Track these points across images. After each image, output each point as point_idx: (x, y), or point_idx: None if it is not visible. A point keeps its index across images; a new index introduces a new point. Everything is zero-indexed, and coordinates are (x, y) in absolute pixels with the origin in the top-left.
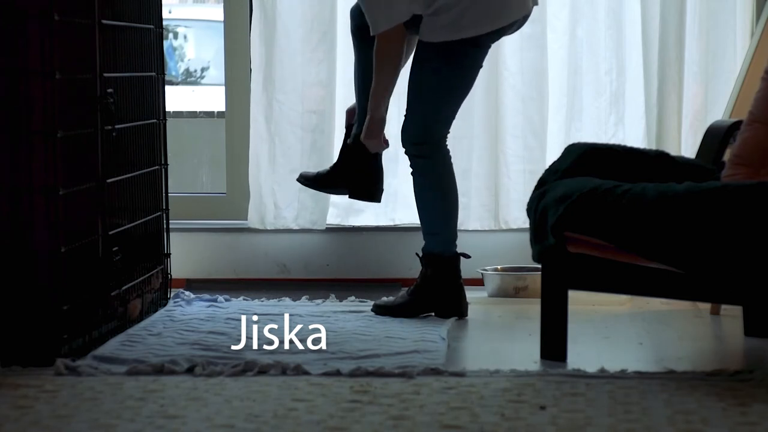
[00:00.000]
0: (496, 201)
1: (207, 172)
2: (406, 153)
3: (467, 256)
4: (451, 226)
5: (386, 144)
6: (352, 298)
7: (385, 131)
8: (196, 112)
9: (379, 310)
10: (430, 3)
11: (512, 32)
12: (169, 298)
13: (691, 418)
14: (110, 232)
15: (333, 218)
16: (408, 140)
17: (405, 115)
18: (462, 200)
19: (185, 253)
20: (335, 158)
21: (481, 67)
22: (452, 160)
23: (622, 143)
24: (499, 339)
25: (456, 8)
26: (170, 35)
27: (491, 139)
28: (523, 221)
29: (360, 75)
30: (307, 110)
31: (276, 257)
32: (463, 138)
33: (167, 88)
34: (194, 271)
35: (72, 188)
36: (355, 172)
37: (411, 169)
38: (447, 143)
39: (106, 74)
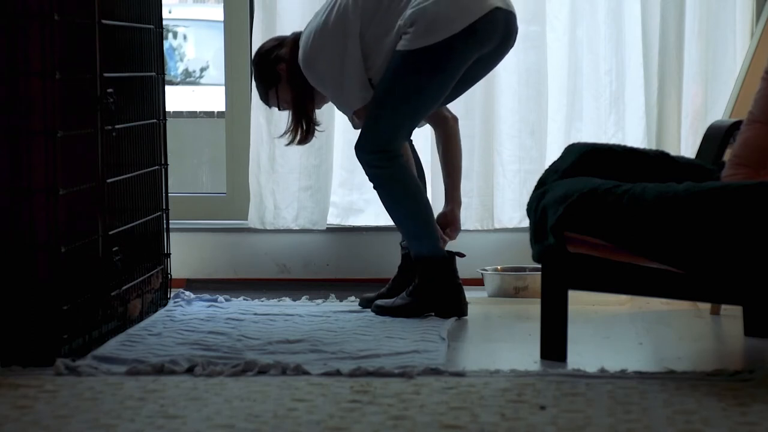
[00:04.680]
0: (492, 200)
1: (207, 172)
2: (362, 162)
3: (461, 255)
4: (430, 225)
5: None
6: (352, 298)
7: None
8: (196, 112)
9: (380, 310)
10: (405, 23)
11: (494, 52)
12: (169, 298)
13: (691, 418)
14: (110, 232)
15: (333, 218)
16: (367, 149)
17: (366, 123)
18: (463, 200)
19: (185, 253)
20: (334, 157)
21: (452, 77)
22: None
23: (622, 143)
24: (499, 339)
25: (427, 14)
26: (170, 35)
27: (488, 138)
28: (518, 221)
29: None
30: None
31: (276, 257)
32: (465, 137)
33: (167, 88)
34: (194, 271)
35: (72, 188)
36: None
37: (372, 183)
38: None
39: (106, 74)
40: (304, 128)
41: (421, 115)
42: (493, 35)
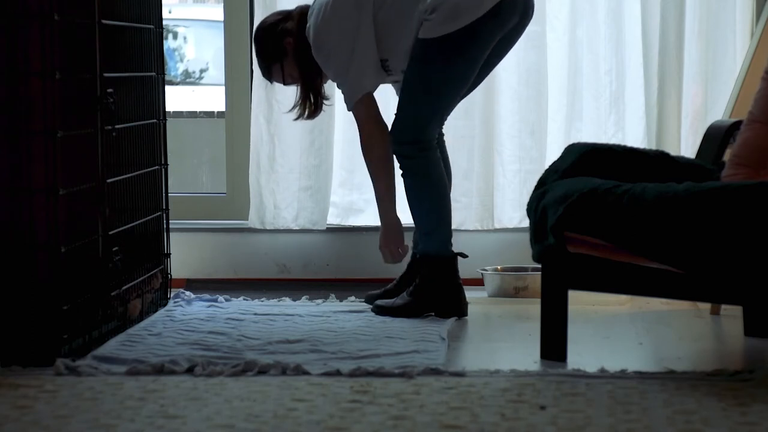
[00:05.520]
0: (492, 200)
1: (207, 172)
2: (395, 154)
3: (465, 256)
4: (446, 225)
5: (405, 252)
6: (352, 298)
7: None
8: (196, 112)
9: (380, 310)
10: (425, 9)
11: (514, 30)
12: (169, 298)
13: (691, 418)
14: (110, 232)
15: (333, 218)
16: (399, 140)
17: (396, 115)
18: (463, 200)
19: (185, 253)
20: (334, 157)
21: (478, 61)
22: (453, 160)
23: (622, 143)
24: (499, 339)
25: (449, 2)
26: (170, 36)
27: (488, 138)
28: (518, 221)
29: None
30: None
31: (276, 257)
32: (465, 138)
33: (167, 88)
34: (194, 271)
35: (72, 188)
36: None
37: (401, 171)
38: (443, 140)
39: (106, 74)
40: (312, 102)
41: (451, 102)
42: (514, 14)
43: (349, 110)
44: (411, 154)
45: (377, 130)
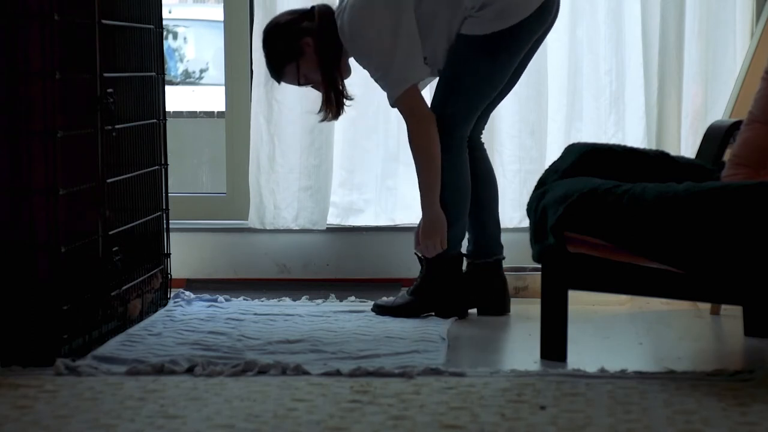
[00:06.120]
0: None
1: (207, 172)
2: None
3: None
4: (458, 225)
5: (444, 247)
6: (352, 298)
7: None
8: (196, 112)
9: (380, 310)
10: (473, 6)
11: (549, 24)
12: (169, 298)
13: (691, 418)
14: (110, 232)
15: (333, 218)
16: None
17: (434, 109)
18: None
19: (185, 253)
20: (334, 157)
21: (515, 60)
22: None
23: (622, 143)
24: (499, 339)
25: (500, 2)
26: (170, 36)
27: (488, 138)
28: (518, 221)
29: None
30: (307, 110)
31: (276, 257)
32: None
33: (167, 88)
34: (194, 271)
35: (72, 188)
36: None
37: None
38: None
39: (106, 74)
40: (334, 103)
41: (488, 99)
42: (551, 13)
43: (392, 106)
44: (443, 148)
45: (426, 121)
